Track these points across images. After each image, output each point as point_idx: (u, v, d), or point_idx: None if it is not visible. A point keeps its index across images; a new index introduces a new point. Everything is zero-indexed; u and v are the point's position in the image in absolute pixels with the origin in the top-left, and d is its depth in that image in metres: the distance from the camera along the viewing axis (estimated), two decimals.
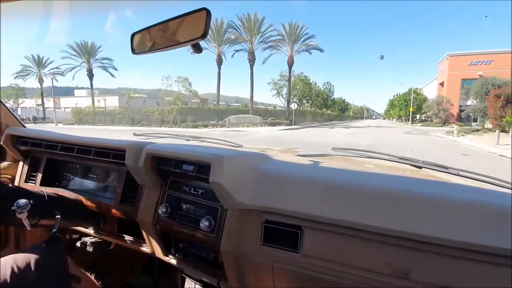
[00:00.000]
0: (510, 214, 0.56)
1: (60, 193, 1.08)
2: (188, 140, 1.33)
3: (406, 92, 42.38)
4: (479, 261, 0.57)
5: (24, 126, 1.34)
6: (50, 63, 36.27)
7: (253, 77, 29.80)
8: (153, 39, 0.76)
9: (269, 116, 29.36)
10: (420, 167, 0.94)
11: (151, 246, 0.97)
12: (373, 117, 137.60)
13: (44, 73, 36.54)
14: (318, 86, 43.12)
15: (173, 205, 0.88)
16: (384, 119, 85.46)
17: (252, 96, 30.30)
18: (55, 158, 1.20)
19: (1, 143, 1.23)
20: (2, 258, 0.76)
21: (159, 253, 0.96)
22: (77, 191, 1.13)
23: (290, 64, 30.51)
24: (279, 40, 29.89)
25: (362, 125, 34.41)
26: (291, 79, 32.26)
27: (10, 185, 0.95)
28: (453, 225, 0.58)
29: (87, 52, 33.69)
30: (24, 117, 34.75)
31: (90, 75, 34.77)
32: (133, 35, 0.78)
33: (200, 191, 0.86)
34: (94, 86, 34.25)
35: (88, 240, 1.19)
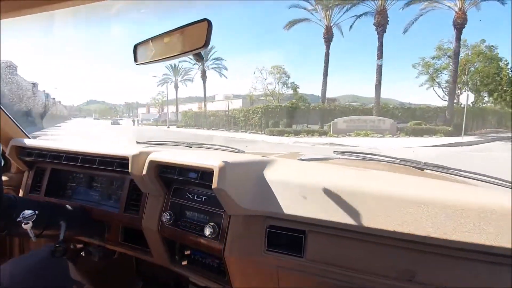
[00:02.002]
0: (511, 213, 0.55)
1: (64, 203, 1.09)
2: (191, 147, 1.32)
3: None
4: (484, 262, 0.57)
5: (28, 137, 1.34)
6: (184, 69, 38.42)
7: (382, 53, 17.29)
8: (155, 49, 0.78)
9: (411, 117, 17.68)
10: (422, 169, 0.93)
11: (156, 254, 0.97)
12: None
13: (178, 80, 39.32)
14: None
15: (177, 212, 0.90)
16: None
17: (379, 86, 17.58)
18: (59, 168, 1.21)
19: (6, 154, 1.23)
20: (2, 265, 0.76)
21: (164, 260, 0.96)
22: (81, 201, 1.15)
23: (460, 24, 16.44)
24: None
25: None
26: (460, 55, 17.68)
27: (15, 196, 0.93)
28: (456, 226, 0.58)
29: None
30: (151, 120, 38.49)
31: (204, 77, 33.48)
32: (136, 46, 0.80)
33: (204, 198, 0.87)
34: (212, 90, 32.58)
35: (92, 249, 1.19)
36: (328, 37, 19.19)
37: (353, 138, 13.51)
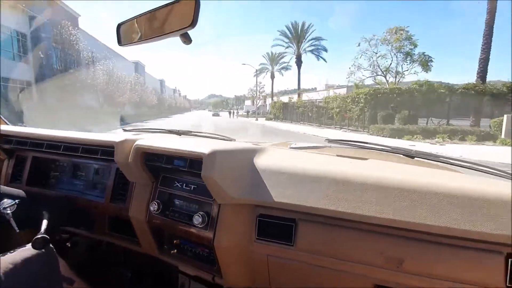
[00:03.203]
0: (490, 200, 0.60)
1: (48, 193, 1.13)
2: (180, 135, 1.31)
3: None
4: (473, 249, 0.60)
5: (8, 124, 1.37)
6: (282, 57, 35.10)
7: None
8: (140, 29, 0.76)
9: None
10: (412, 157, 0.96)
11: (144, 244, 1.00)
12: None
13: (275, 69, 36.50)
14: None
15: (166, 202, 0.91)
16: None
17: None
18: (41, 156, 1.20)
19: None
20: None
21: (152, 250, 0.98)
22: (65, 190, 1.15)
23: None
24: None
25: None
26: None
27: None
28: (444, 213, 0.61)
29: (297, 35, 27.85)
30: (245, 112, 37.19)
31: (299, 62, 28.84)
32: (119, 26, 0.79)
33: (193, 186, 0.88)
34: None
35: (79, 239, 1.22)
36: None
37: None
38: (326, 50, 30.49)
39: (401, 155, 0.98)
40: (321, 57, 30.56)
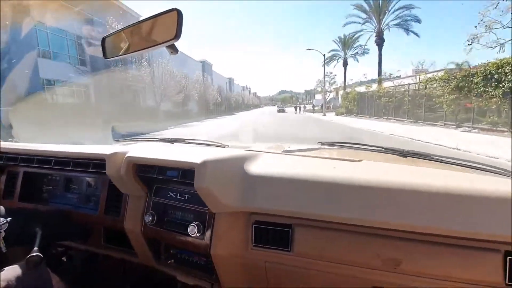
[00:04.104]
0: (488, 199, 0.60)
1: (41, 208, 1.16)
2: (172, 143, 1.32)
3: None
4: (472, 248, 0.61)
5: None
6: (357, 38, 29.22)
7: None
8: (126, 42, 0.78)
9: None
10: (405, 156, 0.97)
11: (141, 255, 1.03)
12: None
13: (348, 55, 30.91)
14: None
15: (160, 212, 0.94)
16: None
17: None
18: (33, 171, 1.23)
19: None
20: None
21: (149, 261, 1.01)
22: (59, 204, 1.18)
23: None
24: None
25: None
26: None
27: None
28: (440, 213, 0.62)
29: (377, 7, 22.02)
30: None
31: (380, 41, 23.06)
32: (104, 39, 0.82)
33: (187, 196, 0.90)
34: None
35: (74, 253, 1.25)
36: None
37: None
38: (419, 21, 23.19)
39: (394, 155, 0.99)
40: (411, 31, 23.50)
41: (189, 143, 1.29)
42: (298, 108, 39.61)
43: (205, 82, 27.91)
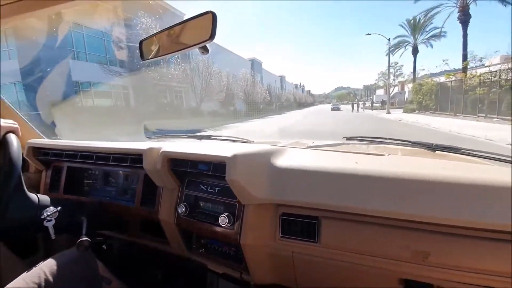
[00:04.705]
0: None
1: (83, 200, 1.25)
2: (200, 139, 1.40)
3: None
4: (501, 240, 0.60)
5: (43, 137, 1.50)
6: (431, 19, 23.98)
7: None
8: (160, 44, 0.82)
9: None
10: (434, 150, 0.96)
11: (174, 244, 1.10)
12: None
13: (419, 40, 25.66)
14: None
15: (192, 204, 1.00)
16: None
17: None
18: (75, 166, 1.33)
19: (24, 155, 1.30)
20: (35, 267, 0.84)
21: (181, 250, 1.08)
22: (98, 196, 1.27)
23: None
24: None
25: None
26: None
27: (37, 194, 0.98)
28: (470, 206, 0.61)
29: None
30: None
31: (465, 18, 18.44)
32: (141, 42, 0.85)
33: (217, 189, 0.95)
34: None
35: (113, 242, 1.34)
36: None
37: None
38: None
39: (422, 149, 0.99)
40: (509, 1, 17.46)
41: (215, 139, 1.35)
42: (357, 105, 34.09)
43: (252, 80, 26.69)
